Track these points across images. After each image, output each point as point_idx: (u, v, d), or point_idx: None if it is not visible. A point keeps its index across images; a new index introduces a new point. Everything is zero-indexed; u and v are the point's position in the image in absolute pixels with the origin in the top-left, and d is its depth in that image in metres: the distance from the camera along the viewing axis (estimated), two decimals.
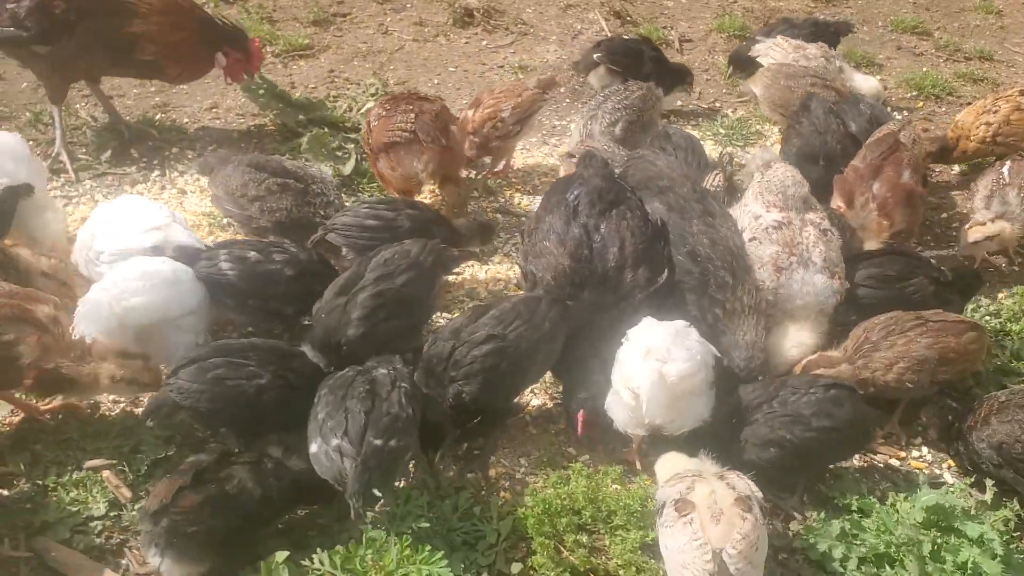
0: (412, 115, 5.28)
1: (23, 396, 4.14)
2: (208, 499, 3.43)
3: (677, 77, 6.92)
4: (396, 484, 3.80)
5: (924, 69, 8.12)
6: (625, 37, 7.48)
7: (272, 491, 3.60)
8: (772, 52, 6.98)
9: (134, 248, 4.36)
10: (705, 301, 4.43)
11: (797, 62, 6.77)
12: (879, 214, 5.20)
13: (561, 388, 4.50)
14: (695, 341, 4.00)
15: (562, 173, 5.52)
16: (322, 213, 4.97)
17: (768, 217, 4.78)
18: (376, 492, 3.46)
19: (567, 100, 7.28)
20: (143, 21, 5.62)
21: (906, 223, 5.24)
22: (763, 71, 6.76)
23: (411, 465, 3.96)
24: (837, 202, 5.33)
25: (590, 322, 4.31)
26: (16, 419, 4.17)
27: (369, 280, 4.24)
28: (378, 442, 3.41)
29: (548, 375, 4.55)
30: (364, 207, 4.93)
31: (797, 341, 4.52)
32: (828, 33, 7.41)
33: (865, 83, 6.97)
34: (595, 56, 6.68)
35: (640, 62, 6.72)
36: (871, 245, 5.17)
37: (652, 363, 3.83)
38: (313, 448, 3.53)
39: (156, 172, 6.01)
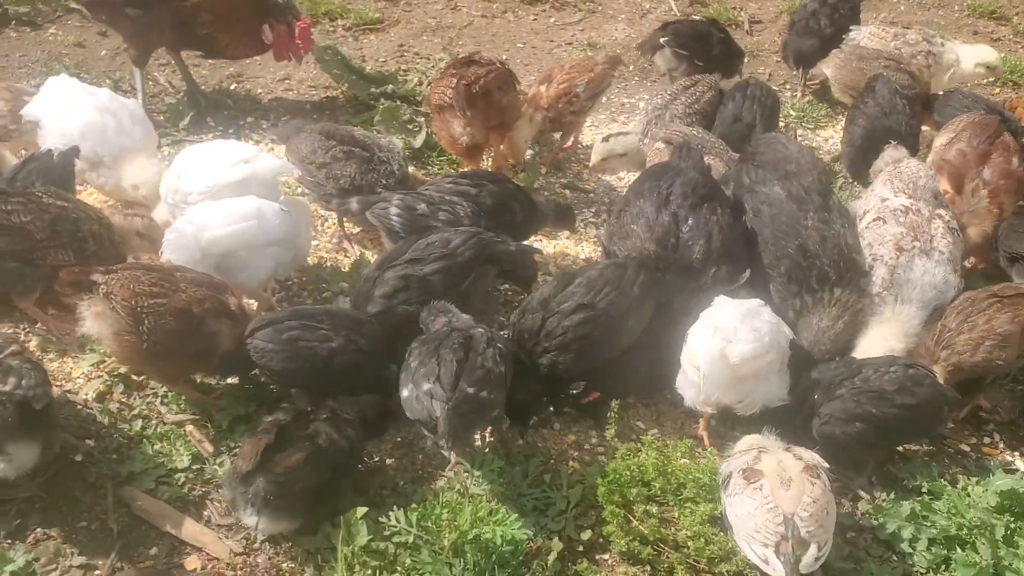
0: (454, 80, 5.31)
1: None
2: (307, 457, 3.54)
3: (739, 59, 6.84)
4: (471, 449, 3.89)
5: (1002, 55, 7.95)
6: (693, 18, 7.40)
7: (354, 442, 3.71)
8: (869, 41, 6.81)
9: (222, 183, 4.50)
10: (795, 287, 4.40)
11: (899, 49, 6.62)
12: (991, 201, 5.08)
13: None
14: (766, 321, 4.02)
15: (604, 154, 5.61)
16: (385, 181, 5.04)
17: (896, 201, 4.75)
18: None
19: (636, 78, 7.27)
20: None
21: (1009, 211, 5.14)
22: (835, 52, 6.68)
23: (489, 430, 4.02)
24: (944, 187, 5.17)
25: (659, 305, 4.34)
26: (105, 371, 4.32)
27: (400, 261, 4.32)
28: (470, 390, 3.49)
29: None
30: (448, 180, 4.97)
31: (901, 333, 4.42)
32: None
33: (976, 53, 6.71)
34: (661, 39, 6.63)
35: (708, 45, 6.54)
36: (975, 232, 5.07)
37: (716, 342, 3.87)
38: (404, 393, 3.63)
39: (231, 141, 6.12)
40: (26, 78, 6.51)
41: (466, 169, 5.49)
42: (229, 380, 4.22)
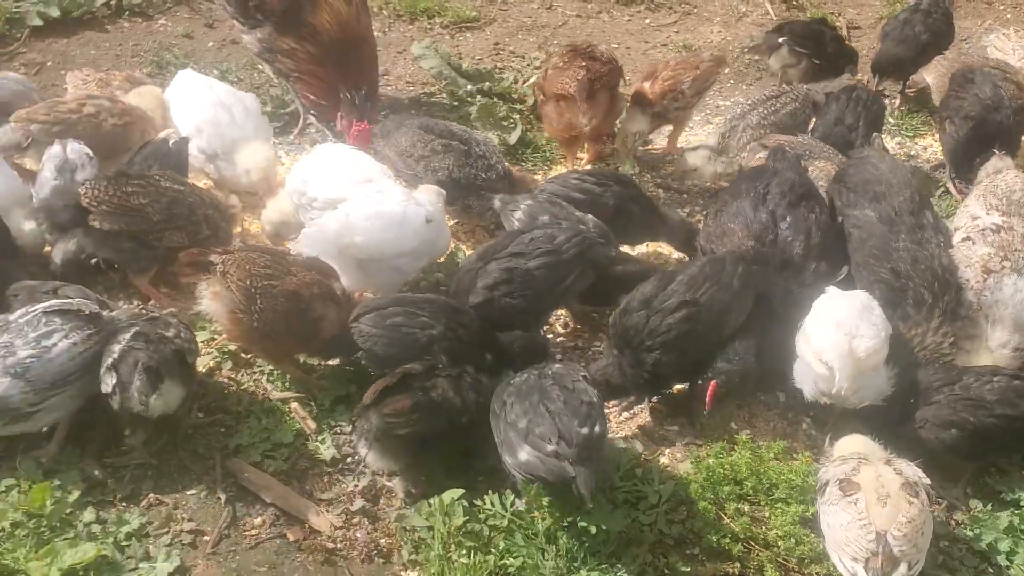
0: (580, 72, 5.56)
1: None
2: (416, 404, 3.68)
3: (851, 58, 6.81)
4: None
5: None
6: (804, 19, 7.40)
7: (470, 403, 3.80)
8: (1003, 44, 6.70)
9: (346, 198, 4.60)
10: (890, 311, 4.30)
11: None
12: None
13: None
14: (879, 316, 4.02)
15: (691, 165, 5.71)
16: (483, 176, 5.13)
17: (987, 219, 4.68)
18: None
19: (731, 80, 7.26)
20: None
21: None
22: (939, 59, 6.58)
23: None
24: None
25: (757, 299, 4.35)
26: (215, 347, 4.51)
27: (505, 254, 4.38)
28: (584, 430, 3.47)
29: None
30: (574, 177, 5.03)
31: (1000, 356, 4.31)
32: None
33: None
34: (779, 39, 6.60)
35: (823, 43, 6.64)
36: None
37: (841, 337, 3.86)
38: (523, 456, 3.48)
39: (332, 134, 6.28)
40: (138, 67, 6.78)
41: (591, 167, 5.70)
42: (331, 362, 4.35)
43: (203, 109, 5.17)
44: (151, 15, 7.55)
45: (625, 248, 4.98)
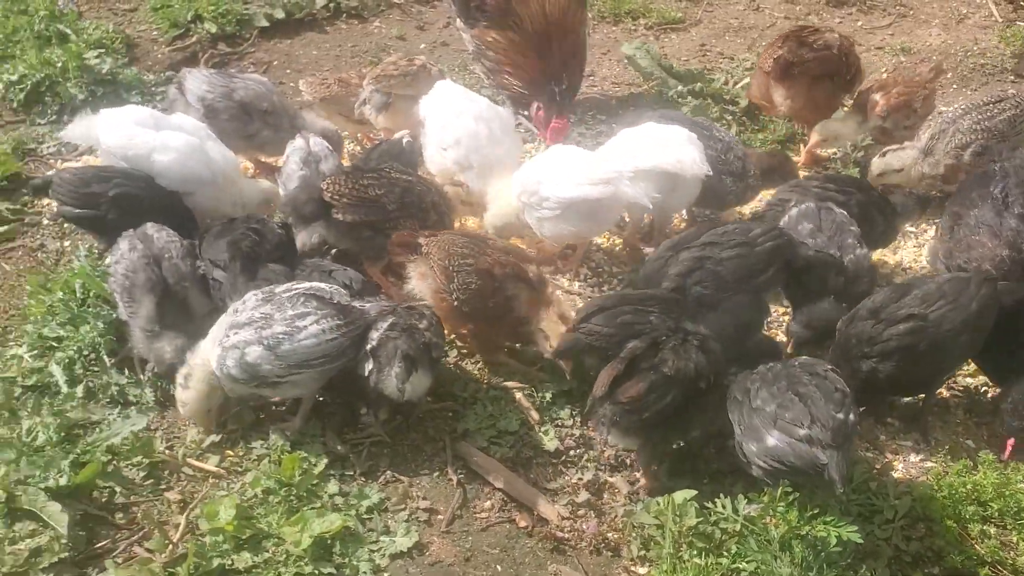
0: (779, 52, 5.81)
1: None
2: (651, 385, 3.70)
3: None
4: None
5: None
6: None
7: (703, 367, 3.78)
8: None
9: (581, 198, 4.65)
10: None
11: None
12: None
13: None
14: None
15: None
16: (724, 158, 5.06)
17: None
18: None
19: (954, 86, 6.92)
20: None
21: None
22: None
23: None
24: None
25: None
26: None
27: (697, 243, 4.34)
28: (840, 416, 3.42)
29: None
30: (815, 185, 4.96)
31: None
32: None
33: None
34: None
35: None
36: None
37: None
38: (771, 442, 3.45)
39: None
40: (356, 67, 7.09)
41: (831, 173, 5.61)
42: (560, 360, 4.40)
43: (464, 122, 5.19)
44: (366, 17, 7.87)
45: None
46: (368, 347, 3.92)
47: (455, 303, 4.25)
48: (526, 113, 6.20)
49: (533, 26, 6.01)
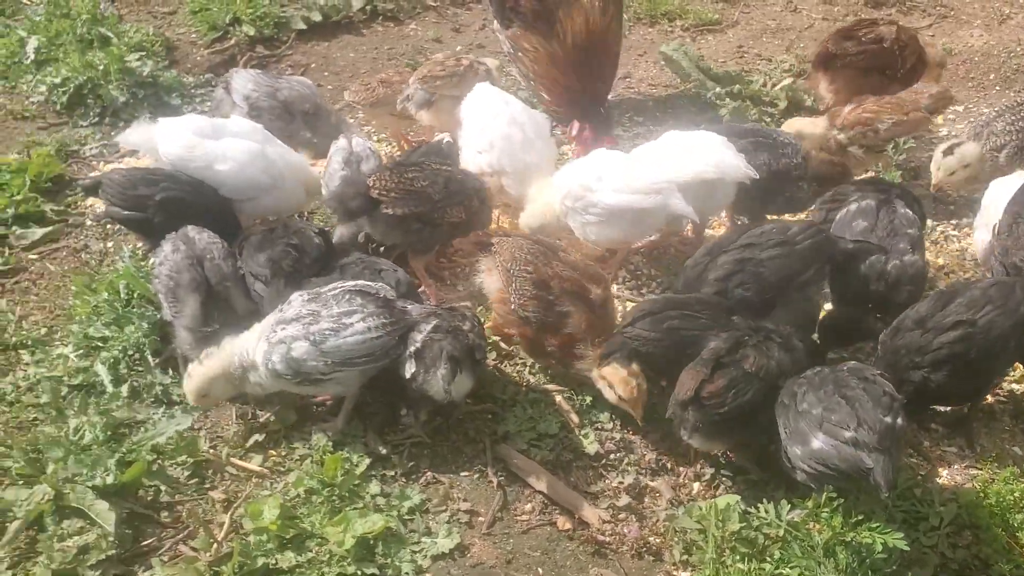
0: (826, 46, 5.92)
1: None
2: (731, 382, 3.70)
3: None
4: None
5: None
6: None
7: (785, 365, 3.77)
8: None
9: (630, 207, 4.67)
10: None
11: None
12: None
13: None
14: None
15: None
16: (795, 162, 5.00)
17: None
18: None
19: (997, 87, 6.83)
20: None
21: None
22: None
23: None
24: None
25: None
26: None
27: (736, 245, 4.32)
28: (888, 419, 3.40)
29: None
30: (854, 192, 4.83)
31: None
32: None
33: None
34: None
35: None
36: None
37: None
38: (816, 444, 3.44)
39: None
40: (392, 68, 7.12)
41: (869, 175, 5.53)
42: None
43: (499, 127, 5.18)
44: (402, 20, 7.90)
45: None
46: (412, 348, 3.94)
47: (513, 307, 4.26)
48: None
49: (575, 41, 5.95)
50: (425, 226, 4.69)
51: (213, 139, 4.92)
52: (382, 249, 5.00)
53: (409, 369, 3.93)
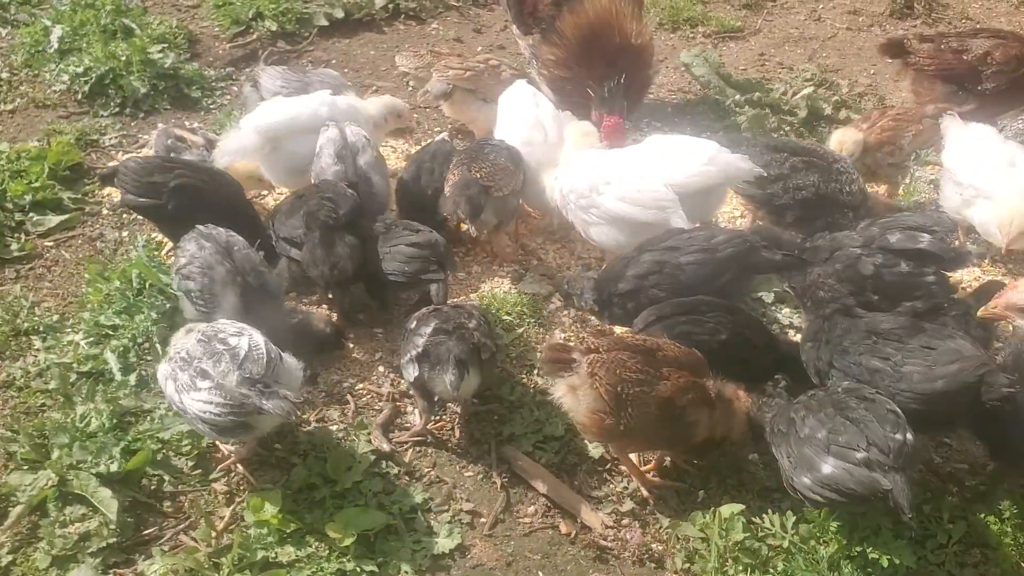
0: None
1: None
2: None
3: None
4: None
5: None
6: None
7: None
8: None
9: (633, 218, 4.66)
10: None
11: None
12: None
13: None
14: None
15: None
16: (847, 190, 4.92)
17: None
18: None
19: None
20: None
21: None
22: None
23: None
24: None
25: None
26: None
27: (660, 246, 4.36)
28: (899, 436, 3.30)
29: None
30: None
31: None
32: None
33: None
34: None
35: None
36: None
37: None
38: (827, 470, 3.30)
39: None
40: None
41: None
42: None
43: (523, 127, 5.24)
44: (424, 19, 7.89)
45: None
46: (414, 353, 3.89)
47: (621, 428, 3.72)
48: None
49: (574, 35, 6.03)
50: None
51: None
52: None
53: (412, 372, 3.90)
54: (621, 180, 4.70)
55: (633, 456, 4.03)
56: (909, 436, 3.31)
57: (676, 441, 3.84)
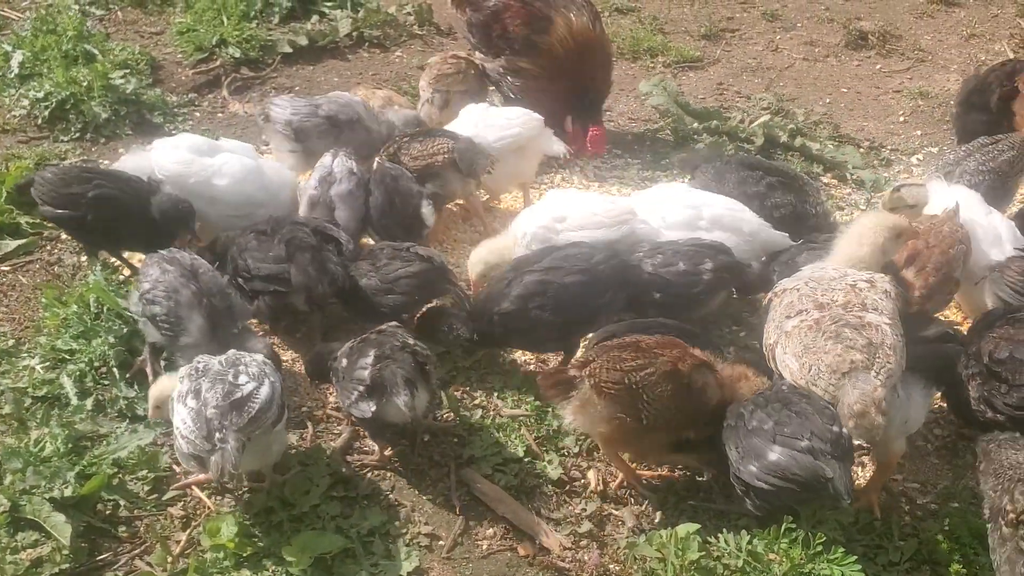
0: None
1: None
2: None
3: None
4: None
5: None
6: None
7: None
8: None
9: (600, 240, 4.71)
10: None
11: None
12: None
13: None
14: None
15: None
16: (815, 211, 5.01)
17: None
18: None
19: None
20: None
21: None
22: None
23: None
24: None
25: None
26: None
27: (540, 267, 4.41)
28: (836, 428, 3.50)
29: None
30: None
31: None
32: None
33: None
34: None
35: None
36: None
37: None
38: (773, 457, 3.46)
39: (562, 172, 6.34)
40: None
41: None
42: None
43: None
44: (388, 47, 7.96)
45: None
46: (360, 389, 3.86)
47: (644, 422, 3.75)
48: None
49: (563, 47, 6.19)
50: None
51: (209, 156, 5.02)
52: None
53: (368, 408, 3.86)
54: (574, 213, 4.83)
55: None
56: (845, 430, 3.50)
57: (697, 413, 3.83)
